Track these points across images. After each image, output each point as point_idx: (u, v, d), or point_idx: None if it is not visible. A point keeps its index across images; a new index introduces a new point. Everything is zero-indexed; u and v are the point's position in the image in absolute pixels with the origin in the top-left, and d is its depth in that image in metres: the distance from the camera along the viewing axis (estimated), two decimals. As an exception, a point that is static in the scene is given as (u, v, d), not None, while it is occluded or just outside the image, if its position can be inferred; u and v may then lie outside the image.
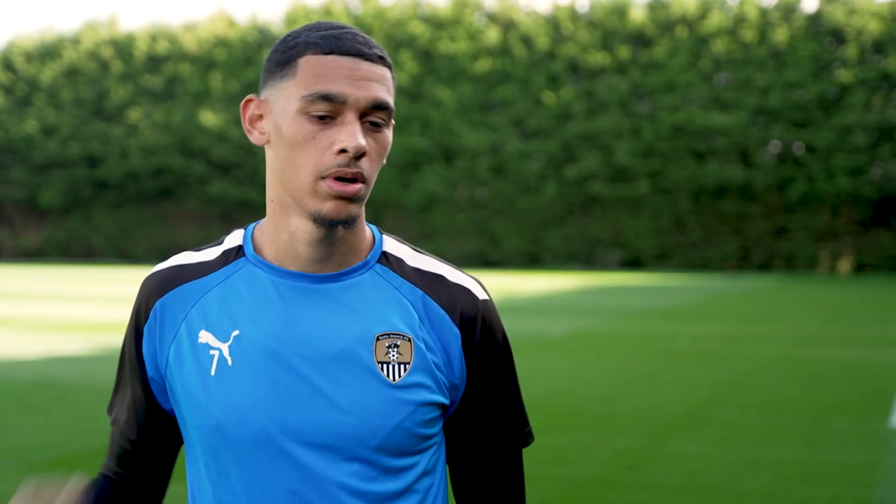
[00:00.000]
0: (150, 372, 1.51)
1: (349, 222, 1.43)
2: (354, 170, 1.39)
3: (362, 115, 1.40)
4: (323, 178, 1.39)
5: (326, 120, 1.39)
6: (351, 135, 1.38)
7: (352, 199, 1.40)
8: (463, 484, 1.59)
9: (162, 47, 60.54)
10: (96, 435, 7.46)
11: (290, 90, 1.41)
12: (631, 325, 17.43)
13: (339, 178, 1.39)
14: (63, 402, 9.01)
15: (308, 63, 1.40)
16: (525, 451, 1.60)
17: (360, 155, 1.39)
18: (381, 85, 1.41)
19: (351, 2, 58.92)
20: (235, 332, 1.45)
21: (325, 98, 1.38)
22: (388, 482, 1.45)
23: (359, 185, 1.40)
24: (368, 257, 1.51)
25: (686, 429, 7.91)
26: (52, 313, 18.79)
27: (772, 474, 6.37)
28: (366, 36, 1.44)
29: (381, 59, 1.43)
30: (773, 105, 49.12)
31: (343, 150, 1.38)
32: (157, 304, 1.49)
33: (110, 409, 1.63)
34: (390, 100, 1.43)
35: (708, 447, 7.17)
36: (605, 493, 5.94)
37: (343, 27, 1.44)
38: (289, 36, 1.45)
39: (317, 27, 1.44)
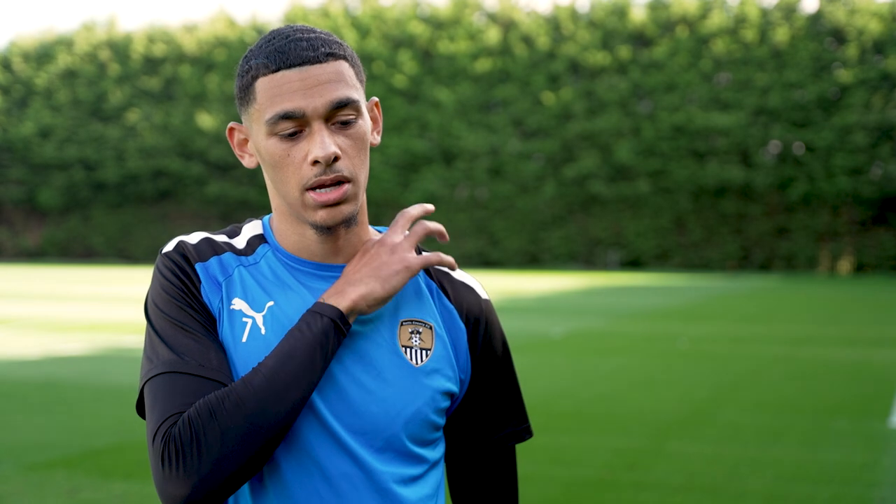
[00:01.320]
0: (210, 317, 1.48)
1: (347, 223, 1.47)
2: (333, 175, 1.42)
3: (328, 119, 1.43)
4: (306, 190, 1.43)
5: (295, 136, 1.42)
6: (319, 145, 1.41)
7: (339, 202, 1.44)
8: (461, 480, 1.62)
9: (159, 49, 60.52)
10: (96, 435, 7.46)
11: (255, 116, 1.45)
12: (631, 325, 17.43)
13: (322, 187, 1.42)
14: (63, 402, 9.00)
15: (262, 86, 1.43)
16: (525, 451, 1.62)
17: (334, 159, 1.42)
18: (338, 83, 1.43)
19: (350, 2, 58.90)
20: (270, 304, 1.48)
21: (285, 117, 1.41)
22: (406, 467, 1.49)
23: (343, 188, 1.43)
24: None
25: (686, 429, 7.91)
26: (52, 313, 18.79)
27: (772, 474, 6.37)
28: (312, 36, 1.44)
29: (330, 56, 1.43)
30: (773, 105, 49.13)
31: (316, 162, 1.41)
32: (198, 267, 1.50)
33: (165, 364, 1.41)
34: (352, 93, 1.44)
35: (708, 447, 7.16)
36: (605, 493, 5.93)
37: (289, 35, 1.45)
38: (243, 59, 1.48)
39: (267, 41, 1.45)
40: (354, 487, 1.45)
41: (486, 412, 1.57)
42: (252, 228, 1.58)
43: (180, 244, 1.53)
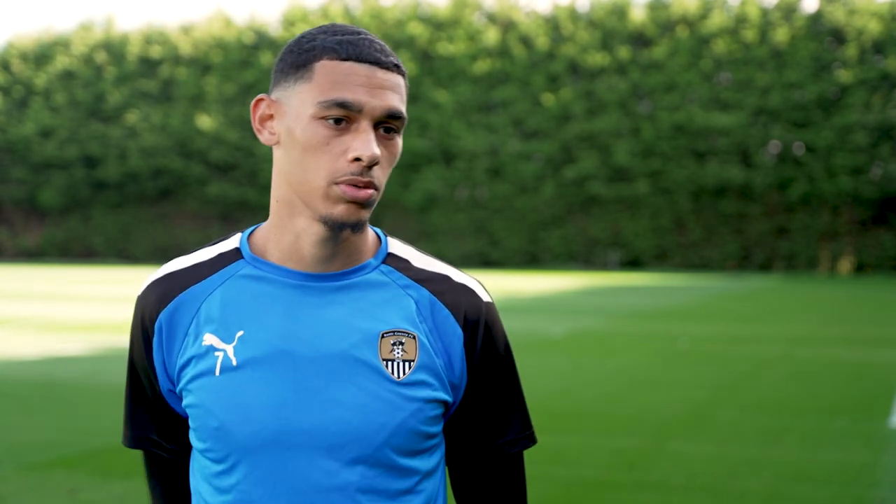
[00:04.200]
0: (164, 385, 1.50)
1: (358, 226, 1.43)
2: (367, 178, 1.39)
3: (376, 124, 1.41)
4: (336, 183, 1.39)
5: (341, 126, 1.39)
6: (365, 144, 1.38)
7: (363, 204, 1.41)
8: (464, 487, 1.59)
9: (156, 50, 60.53)
10: (96, 435, 7.46)
11: (305, 94, 1.40)
12: (631, 325, 17.43)
13: (353, 184, 1.40)
14: (63, 402, 9.00)
15: (324, 68, 1.39)
16: (525, 451, 1.60)
17: (372, 163, 1.39)
18: (396, 94, 1.42)
19: (350, 2, 58.89)
20: (240, 333, 1.45)
21: (342, 105, 1.38)
22: (393, 482, 1.45)
23: (371, 191, 1.40)
24: (373, 258, 1.52)
25: (686, 429, 7.91)
26: (52, 313, 18.79)
27: (772, 474, 6.37)
28: (382, 43, 1.44)
29: (396, 68, 1.43)
30: (774, 105, 49.13)
31: (357, 159, 1.38)
32: (161, 317, 1.48)
33: (128, 439, 1.61)
34: (404, 109, 1.43)
35: (708, 447, 7.16)
36: (605, 493, 5.93)
37: (360, 32, 1.43)
38: (304, 38, 1.44)
39: (333, 31, 1.43)
40: None
41: (486, 418, 1.54)
42: (229, 243, 1.54)
43: (148, 289, 1.52)
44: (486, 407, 1.54)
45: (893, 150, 47.36)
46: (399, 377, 1.45)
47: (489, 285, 29.34)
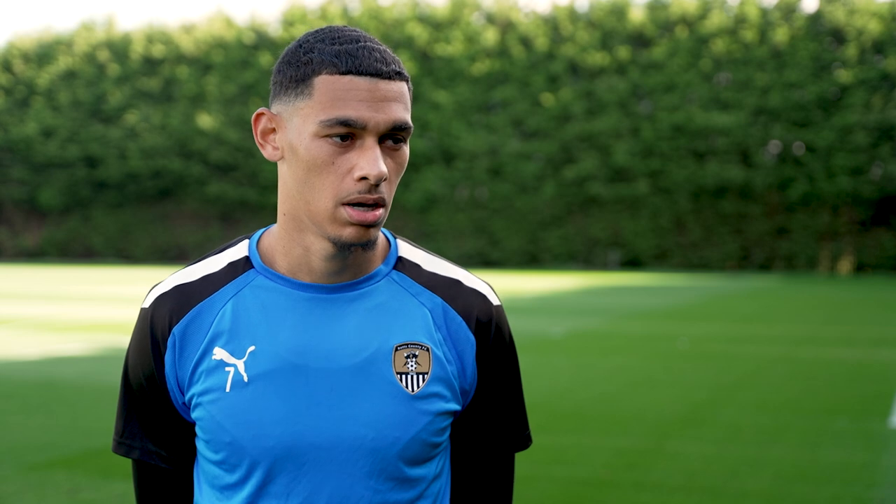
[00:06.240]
0: (177, 399, 1.47)
1: (368, 245, 1.41)
2: (375, 196, 1.36)
3: (382, 137, 1.37)
4: (343, 204, 1.36)
5: (345, 143, 1.35)
6: (371, 161, 1.34)
7: (372, 224, 1.38)
8: (456, 484, 1.59)
9: (158, 49, 60.53)
10: (96, 435, 7.46)
11: (306, 111, 1.36)
12: (631, 325, 17.43)
13: (360, 205, 1.36)
14: (63, 402, 9.00)
15: (324, 84, 1.35)
16: (525, 451, 1.61)
17: (379, 181, 1.36)
18: (400, 103, 1.38)
19: (349, 2, 58.88)
20: (251, 348, 1.43)
21: (345, 123, 1.34)
22: (404, 492, 1.45)
23: (379, 211, 1.38)
24: (383, 265, 1.50)
25: (686, 429, 7.91)
26: (52, 313, 18.78)
27: (772, 474, 6.37)
28: (382, 49, 1.39)
29: (398, 75, 1.39)
30: (773, 105, 49.13)
31: (364, 178, 1.35)
32: (175, 331, 1.45)
33: (126, 449, 1.53)
34: (408, 117, 1.39)
35: (708, 447, 7.16)
36: (605, 493, 5.93)
37: (358, 39, 1.39)
38: (301, 47, 1.39)
39: (331, 38, 1.39)
40: None
41: (490, 420, 1.54)
42: (237, 251, 1.51)
43: (158, 302, 1.48)
44: (490, 410, 1.54)
45: (893, 150, 47.35)
46: (413, 391, 1.44)
47: (489, 285, 29.29)
